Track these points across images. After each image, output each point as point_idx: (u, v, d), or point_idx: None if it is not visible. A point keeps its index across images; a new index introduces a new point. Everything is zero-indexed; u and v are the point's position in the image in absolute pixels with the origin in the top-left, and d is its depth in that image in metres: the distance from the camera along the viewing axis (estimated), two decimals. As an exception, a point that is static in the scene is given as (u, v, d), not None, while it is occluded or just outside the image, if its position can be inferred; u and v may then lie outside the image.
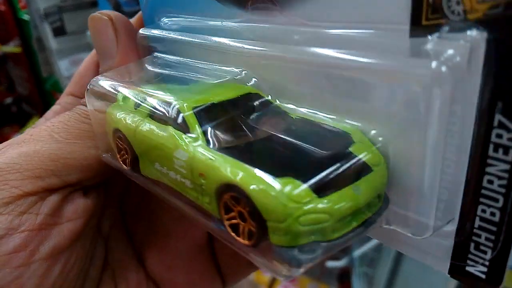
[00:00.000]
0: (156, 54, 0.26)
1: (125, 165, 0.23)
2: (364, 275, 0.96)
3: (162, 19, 0.28)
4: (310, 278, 1.12)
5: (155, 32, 0.26)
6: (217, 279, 0.32)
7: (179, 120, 0.18)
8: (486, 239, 0.16)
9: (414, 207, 0.17)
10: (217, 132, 0.18)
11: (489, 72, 0.14)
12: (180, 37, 0.25)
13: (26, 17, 1.42)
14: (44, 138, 0.25)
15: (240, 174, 0.15)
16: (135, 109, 0.22)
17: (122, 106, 0.23)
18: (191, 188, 0.18)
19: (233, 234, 0.17)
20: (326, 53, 0.16)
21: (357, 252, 0.90)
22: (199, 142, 0.18)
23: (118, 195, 0.31)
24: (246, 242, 0.16)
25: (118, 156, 0.23)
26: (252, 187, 0.15)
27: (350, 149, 0.17)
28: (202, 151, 0.17)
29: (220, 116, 0.19)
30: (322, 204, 0.15)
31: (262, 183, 0.15)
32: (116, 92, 0.23)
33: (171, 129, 0.19)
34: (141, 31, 0.27)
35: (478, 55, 0.14)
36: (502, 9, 0.13)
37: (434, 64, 0.14)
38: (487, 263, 0.17)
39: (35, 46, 1.29)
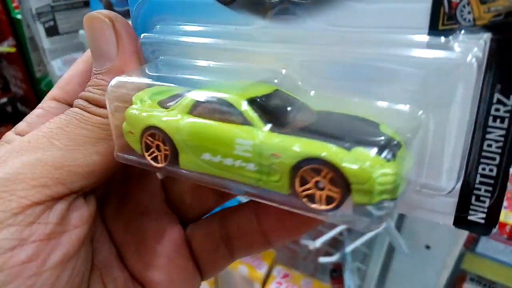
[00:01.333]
0: (162, 57, 0.27)
1: (156, 162, 0.23)
2: (356, 271, 1.00)
3: (156, 27, 0.29)
4: (303, 274, 1.13)
5: (161, 36, 0.27)
6: (196, 274, 0.33)
7: (242, 108, 0.20)
8: (485, 191, 0.22)
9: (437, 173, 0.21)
10: (274, 119, 0.21)
11: (492, 63, 0.20)
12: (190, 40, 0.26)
13: (20, 16, 1.34)
14: (44, 145, 0.24)
15: (323, 148, 0.18)
16: (164, 107, 0.23)
17: (143, 106, 0.23)
18: (254, 171, 0.20)
19: (310, 203, 0.19)
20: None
21: (349, 248, 0.94)
22: (264, 128, 0.20)
23: (98, 197, 0.31)
24: (324, 207, 0.19)
25: (147, 154, 0.23)
26: (338, 157, 0.18)
27: (381, 129, 0.21)
28: (273, 134, 0.19)
29: (269, 107, 0.21)
30: (391, 168, 0.18)
31: (346, 153, 0.18)
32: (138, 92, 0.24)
33: (231, 121, 0.21)
34: (143, 35, 0.27)
35: (485, 50, 0.19)
36: (503, 17, 0.19)
37: (462, 55, 0.19)
38: (485, 210, 0.22)
39: (29, 46, 1.23)
